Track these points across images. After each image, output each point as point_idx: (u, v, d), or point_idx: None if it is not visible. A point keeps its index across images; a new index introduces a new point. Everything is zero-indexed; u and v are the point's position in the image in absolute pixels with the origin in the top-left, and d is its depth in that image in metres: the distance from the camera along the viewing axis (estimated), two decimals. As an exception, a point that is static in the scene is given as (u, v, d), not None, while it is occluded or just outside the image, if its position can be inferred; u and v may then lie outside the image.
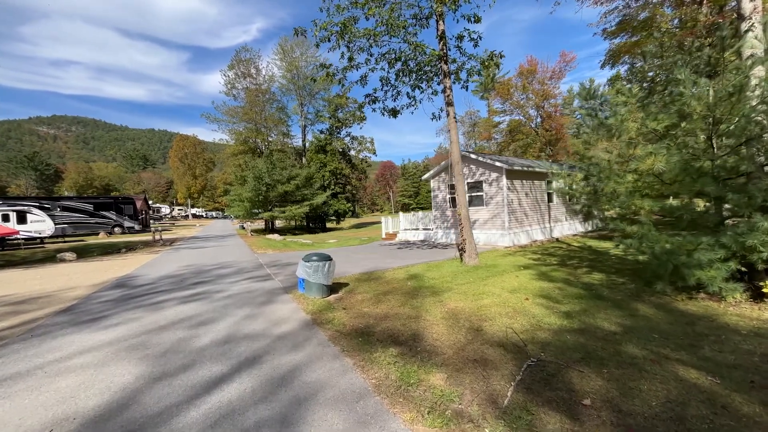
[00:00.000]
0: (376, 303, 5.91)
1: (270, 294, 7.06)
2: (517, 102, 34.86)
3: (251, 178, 29.84)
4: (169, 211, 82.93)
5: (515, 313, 5.02)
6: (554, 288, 6.48)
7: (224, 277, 9.29)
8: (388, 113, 11.40)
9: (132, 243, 22.49)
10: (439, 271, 8.85)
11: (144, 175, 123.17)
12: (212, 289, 7.73)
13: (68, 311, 6.29)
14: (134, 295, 7.37)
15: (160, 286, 8.32)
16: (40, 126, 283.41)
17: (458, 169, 9.61)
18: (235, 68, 37.24)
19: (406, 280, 7.86)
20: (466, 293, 6.31)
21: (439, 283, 7.34)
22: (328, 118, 41.92)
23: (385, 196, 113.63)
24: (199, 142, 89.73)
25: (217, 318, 5.45)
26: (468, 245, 9.39)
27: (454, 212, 16.07)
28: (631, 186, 5.86)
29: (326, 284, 6.55)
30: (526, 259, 10.23)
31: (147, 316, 5.70)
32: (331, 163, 39.62)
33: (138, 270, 11.16)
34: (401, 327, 4.64)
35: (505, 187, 14.15)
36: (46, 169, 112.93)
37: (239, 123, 36.69)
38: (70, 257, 15.22)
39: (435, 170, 16.92)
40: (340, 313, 5.40)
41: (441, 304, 5.64)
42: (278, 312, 5.68)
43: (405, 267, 9.77)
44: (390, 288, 7.06)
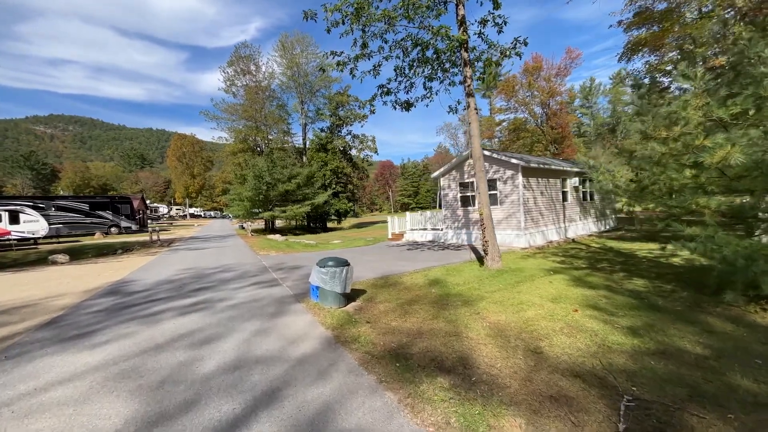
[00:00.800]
0: (404, 315, 5.20)
1: (280, 303, 6.33)
2: (523, 99, 34.19)
3: (251, 177, 29.08)
4: (167, 210, 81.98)
5: (571, 329, 4.31)
6: (599, 296, 5.78)
7: (227, 282, 8.55)
8: (401, 106, 10.69)
9: (129, 244, 21.71)
10: (462, 275, 8.14)
11: (141, 175, 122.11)
12: (215, 296, 7.00)
13: (53, 324, 5.55)
14: (128, 304, 6.63)
15: (157, 293, 7.59)
16: (38, 125, 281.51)
17: (480, 165, 8.91)
18: (234, 65, 36.44)
19: (429, 286, 7.15)
20: (502, 303, 5.60)
21: (467, 290, 6.63)
22: (329, 116, 41.15)
23: (384, 196, 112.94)
24: (197, 141, 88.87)
25: (222, 334, 4.72)
26: (491, 247, 8.68)
27: (466, 211, 15.38)
28: (691, 182, 5.15)
29: (344, 293, 5.84)
30: (551, 262, 9.54)
31: (142, 331, 4.97)
32: (332, 162, 38.86)
33: (134, 274, 10.41)
34: (442, 347, 3.93)
35: (521, 185, 13.45)
36: (43, 169, 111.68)
37: (239, 121, 35.91)
38: (63, 259, 14.44)
39: (445, 168, 16.21)
40: (365, 329, 4.68)
41: (479, 317, 4.93)
42: (293, 326, 4.95)
43: (422, 271, 9.06)
44: (413, 296, 6.35)
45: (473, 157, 8.94)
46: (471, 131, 8.95)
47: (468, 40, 8.58)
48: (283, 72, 39.58)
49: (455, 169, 15.76)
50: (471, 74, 8.91)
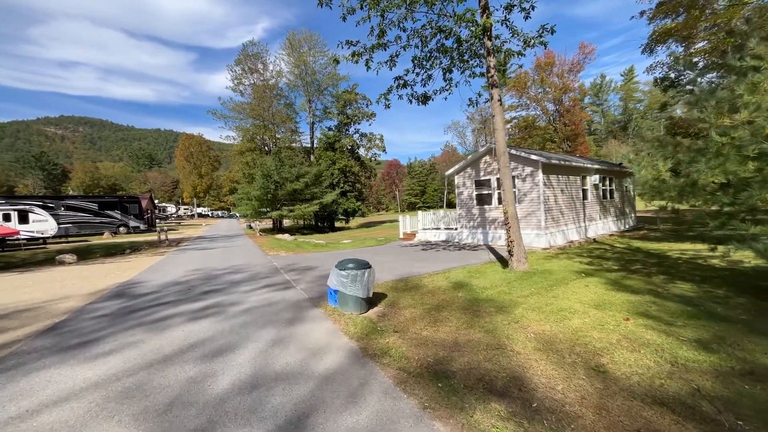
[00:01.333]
0: (434, 323, 4.71)
1: (296, 308, 5.88)
2: (535, 96, 33.45)
3: (259, 176, 28.78)
4: (175, 210, 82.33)
5: (630, 342, 3.79)
6: (646, 303, 5.23)
7: (238, 284, 8.13)
8: (418, 100, 10.20)
9: (137, 243, 21.50)
10: (486, 278, 7.63)
11: (150, 175, 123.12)
12: (226, 300, 6.57)
13: (54, 331, 5.16)
14: (135, 308, 6.23)
15: (165, 295, 7.19)
16: (48, 126, 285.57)
17: (504, 161, 8.38)
18: (242, 63, 36.18)
19: (453, 289, 6.65)
20: (541, 310, 5.09)
21: (497, 294, 6.12)
22: (336, 115, 40.78)
23: (391, 195, 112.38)
24: (205, 141, 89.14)
25: (236, 344, 4.28)
26: (516, 248, 8.16)
27: (482, 210, 14.83)
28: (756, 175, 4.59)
29: (366, 297, 5.37)
30: (578, 264, 8.98)
31: (148, 340, 4.54)
32: (340, 161, 38.47)
33: (141, 275, 10.05)
34: (487, 363, 3.44)
35: (542, 182, 12.88)
36: (54, 169, 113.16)
37: (246, 120, 35.66)
38: (70, 259, 14.19)
39: (460, 165, 15.67)
40: (393, 339, 4.20)
41: (519, 326, 4.43)
42: (313, 335, 4.49)
43: (442, 272, 8.56)
44: (439, 301, 5.86)
45: (497, 152, 8.41)
46: (495, 124, 8.43)
47: (492, 26, 8.06)
48: (290, 70, 39.31)
49: (470, 166, 15.22)
50: (494, 64, 8.38)
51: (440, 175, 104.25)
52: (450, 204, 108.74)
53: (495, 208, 14.36)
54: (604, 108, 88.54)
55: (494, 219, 14.40)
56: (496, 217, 14.34)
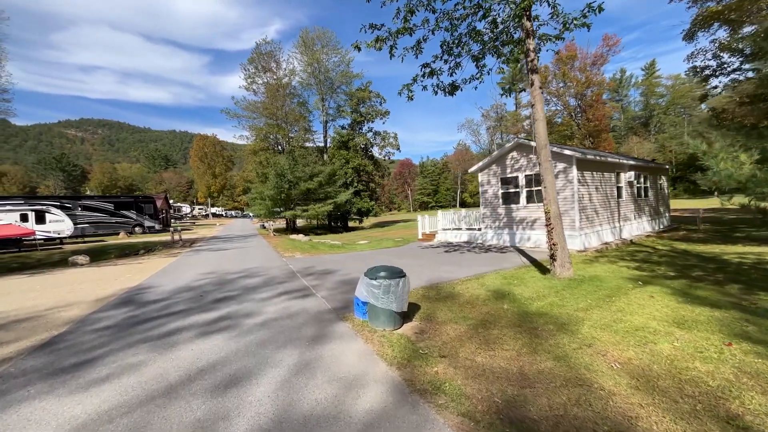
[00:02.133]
0: (486, 345, 3.94)
1: (318, 321, 5.18)
2: (556, 90, 32.19)
3: (273, 176, 28.36)
4: (190, 210, 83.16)
5: (753, 379, 2.96)
6: (737, 320, 4.36)
7: (253, 290, 7.50)
8: (445, 90, 9.40)
9: (151, 244, 21.24)
10: (528, 286, 6.81)
11: (165, 175, 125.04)
12: (240, 310, 5.92)
13: (50, 347, 4.57)
14: (141, 319, 5.63)
15: (174, 303, 6.59)
16: (69, 129, 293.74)
17: (546, 155, 7.53)
18: (255, 62, 35.90)
19: (495, 300, 5.86)
20: (611, 329, 4.26)
21: (548, 306, 5.31)
22: (350, 113, 40.19)
23: (403, 195, 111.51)
24: (219, 141, 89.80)
25: (252, 370, 3.59)
26: (560, 252, 7.31)
27: (509, 210, 13.94)
28: None
29: (400, 311, 4.64)
30: (625, 269, 8.07)
31: (152, 361, 3.90)
32: (353, 160, 37.85)
33: (152, 279, 9.53)
34: (576, 408, 2.66)
35: (576, 179, 11.94)
36: (74, 170, 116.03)
37: (260, 119, 35.34)
38: (83, 261, 13.85)
39: (485, 162, 14.80)
40: (443, 367, 3.45)
41: (594, 352, 3.62)
42: (343, 359, 3.77)
43: (474, 278, 7.77)
44: (483, 314, 5.08)
45: (538, 145, 7.56)
46: (534, 114, 7.58)
47: (533, 4, 7.23)
48: (303, 69, 38.88)
49: (496, 163, 14.34)
50: (534, 47, 7.55)
51: (453, 174, 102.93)
52: (463, 203, 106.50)
53: (523, 208, 13.46)
54: (624, 104, 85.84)
55: (522, 219, 13.50)
56: (525, 217, 13.44)
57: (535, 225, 13.13)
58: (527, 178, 13.31)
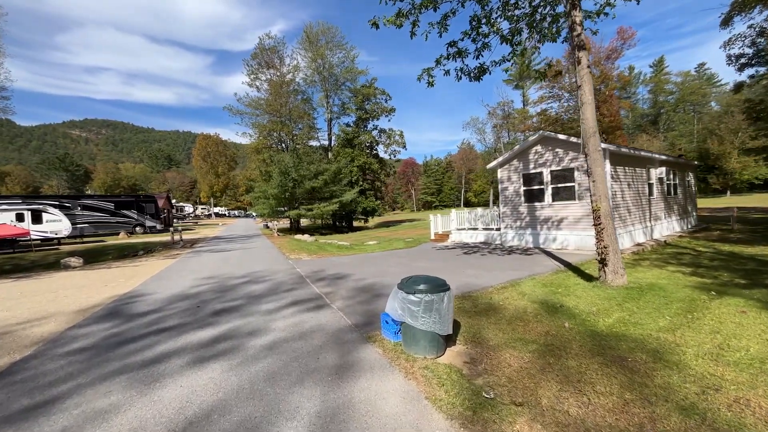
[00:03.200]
0: (569, 385, 2.96)
1: (339, 343, 4.21)
2: (570, 85, 31.04)
3: (276, 174, 27.43)
4: (192, 210, 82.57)
5: None
6: None
7: (258, 300, 6.55)
8: (470, 75, 8.42)
9: (151, 244, 20.38)
10: (579, 296, 5.82)
11: (168, 175, 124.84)
12: (243, 326, 4.97)
13: (5, 379, 3.64)
14: (124, 338, 4.69)
15: (167, 316, 5.65)
16: (73, 129, 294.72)
17: (595, 144, 6.53)
18: (258, 57, 34.96)
19: (547, 314, 4.88)
20: (723, 359, 3.27)
21: (620, 325, 4.32)
22: (354, 110, 39.23)
23: (407, 194, 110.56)
24: (222, 140, 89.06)
25: (260, 423, 2.63)
26: (613, 256, 6.30)
27: (532, 208, 12.92)
28: None
29: (446, 334, 3.67)
30: (680, 274, 7.06)
31: (126, 406, 2.95)
32: (359, 158, 36.89)
33: (146, 284, 8.60)
34: None
35: (609, 174, 10.92)
36: (77, 170, 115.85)
37: (263, 116, 34.41)
38: (76, 263, 12.98)
39: (505, 157, 13.78)
40: (525, 424, 2.47)
41: (728, 398, 2.64)
42: (383, 406, 2.80)
43: (508, 285, 6.79)
44: (541, 335, 4.10)
45: (586, 132, 6.56)
46: (581, 97, 6.58)
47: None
48: (307, 65, 37.96)
49: (518, 158, 13.32)
50: (581, 20, 6.56)
51: (457, 174, 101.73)
52: (467, 203, 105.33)
53: (548, 206, 12.44)
54: (632, 101, 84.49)
55: (547, 218, 12.48)
56: (549, 216, 12.42)
57: (561, 225, 12.12)
58: (553, 174, 12.29)
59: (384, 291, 6.77)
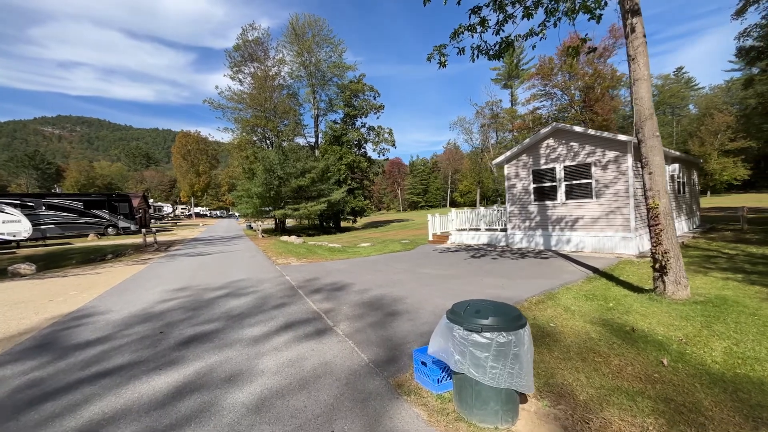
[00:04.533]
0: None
1: (358, 397, 2.93)
2: (563, 82, 30.52)
3: (261, 171, 25.80)
4: (172, 210, 79.43)
5: None
6: None
7: (240, 321, 5.19)
8: (489, 52, 7.26)
9: (121, 247, 18.55)
10: (640, 312, 4.70)
11: (147, 174, 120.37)
12: (219, 366, 3.63)
13: None
14: (45, 389, 3.29)
15: (116, 349, 4.25)
16: (45, 126, 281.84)
17: (652, 128, 5.44)
18: (241, 49, 33.05)
19: (618, 340, 3.73)
20: None
21: (730, 359, 3.20)
22: (342, 106, 37.85)
23: (393, 194, 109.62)
24: (203, 138, 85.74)
25: None
26: (674, 263, 5.22)
27: (543, 207, 11.89)
28: None
29: (530, 392, 2.45)
30: (734, 282, 6.08)
31: None
32: (347, 156, 35.51)
33: (101, 299, 7.09)
34: None
35: (631, 170, 9.98)
36: (48, 168, 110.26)
37: (246, 110, 32.57)
38: (27, 270, 11.23)
39: (513, 152, 12.70)
40: None
41: None
42: None
43: (547, 298, 5.65)
44: (636, 377, 2.93)
45: (641, 114, 5.47)
46: (635, 72, 5.47)
47: None
48: (293, 59, 36.34)
49: (527, 152, 12.27)
50: (633, -20, 5.47)
51: (443, 174, 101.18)
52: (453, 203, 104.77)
53: (561, 205, 11.44)
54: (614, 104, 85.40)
55: (560, 218, 11.48)
56: (563, 216, 11.41)
57: (576, 225, 11.12)
58: (567, 170, 11.29)
59: (397, 307, 5.52)
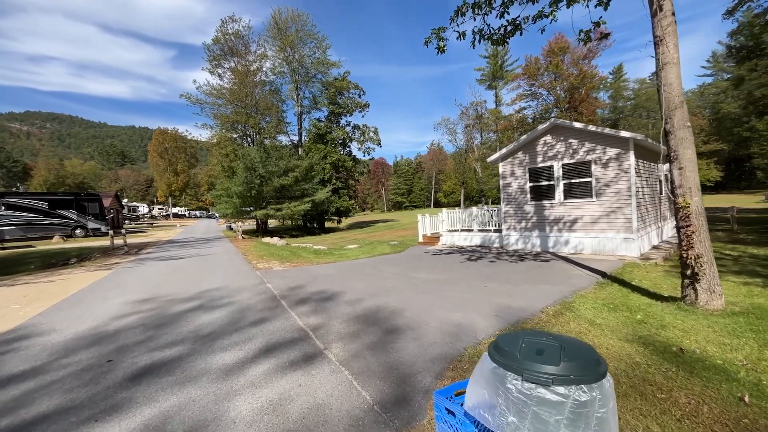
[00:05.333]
0: None
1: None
2: (550, 82, 30.48)
3: (242, 169, 24.60)
4: (148, 210, 76.43)
5: None
6: None
7: (210, 344, 4.33)
8: (492, 37, 6.62)
9: (87, 251, 17.13)
10: (678, 327, 4.10)
11: (122, 173, 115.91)
12: (177, 415, 2.78)
13: None
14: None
15: (45, 387, 3.33)
16: (13, 122, 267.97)
17: (682, 118, 4.85)
18: (220, 42, 31.60)
19: (671, 366, 3.09)
20: None
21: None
22: (327, 104, 36.85)
23: (377, 194, 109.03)
24: (181, 136, 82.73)
25: None
26: (708, 269, 4.65)
27: (540, 207, 11.37)
28: None
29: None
30: (759, 288, 5.61)
31: None
32: (332, 155, 34.56)
33: (47, 314, 6.06)
34: None
35: (633, 168, 9.55)
36: (14, 166, 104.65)
37: (226, 105, 31.14)
38: (-30, 278, 9.95)
39: (509, 149, 12.14)
40: None
41: None
42: None
43: (561, 308, 5.01)
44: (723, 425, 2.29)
45: (668, 102, 4.88)
46: (663, 56, 4.88)
47: None
48: (275, 54, 35.15)
49: (523, 150, 11.73)
50: (660, -48, 4.89)
51: (427, 174, 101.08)
52: (437, 203, 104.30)
53: (559, 205, 10.94)
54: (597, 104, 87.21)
55: (558, 219, 10.98)
56: (561, 217, 10.92)
57: (575, 226, 10.64)
58: (565, 168, 10.79)
59: (397, 322, 4.76)
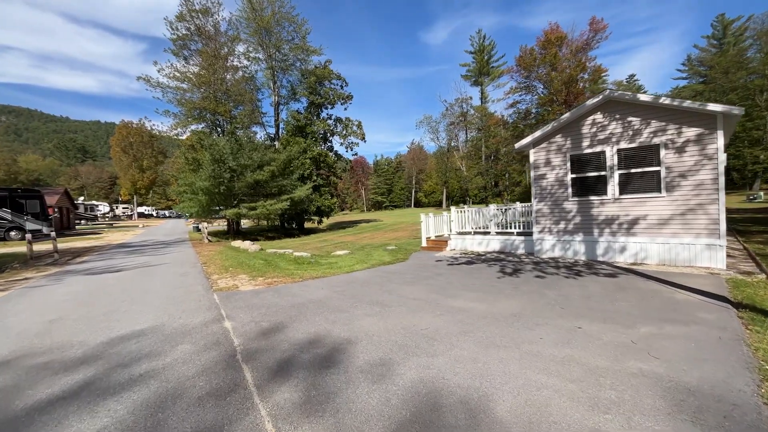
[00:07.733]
0: None
1: None
2: (547, 74, 28.66)
3: (208, 162, 21.26)
4: (109, 209, 70.50)
5: None
6: None
7: None
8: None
9: (4, 258, 13.59)
10: None
11: (82, 170, 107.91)
12: None
13: None
14: None
15: None
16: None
17: None
18: (185, 20, 27.95)
19: None
20: None
21: None
22: (307, 93, 33.74)
23: (356, 194, 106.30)
24: (147, 130, 76.83)
25: None
26: None
27: (586, 204, 8.99)
28: None
29: None
30: None
31: None
32: (313, 148, 31.54)
33: None
34: None
35: (720, 152, 7.30)
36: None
37: (192, 91, 27.54)
38: None
39: (544, 131, 9.68)
40: None
41: None
42: None
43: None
44: None
45: None
46: None
47: None
48: (249, 36, 31.75)
49: (563, 132, 9.33)
50: None
51: (407, 174, 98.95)
52: (418, 203, 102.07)
53: (612, 201, 8.60)
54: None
55: (611, 219, 8.63)
56: (615, 216, 8.58)
57: (635, 228, 8.31)
58: (622, 155, 8.46)
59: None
